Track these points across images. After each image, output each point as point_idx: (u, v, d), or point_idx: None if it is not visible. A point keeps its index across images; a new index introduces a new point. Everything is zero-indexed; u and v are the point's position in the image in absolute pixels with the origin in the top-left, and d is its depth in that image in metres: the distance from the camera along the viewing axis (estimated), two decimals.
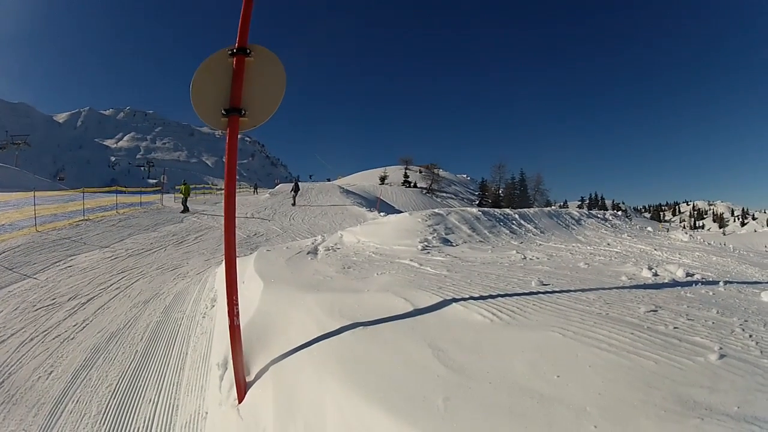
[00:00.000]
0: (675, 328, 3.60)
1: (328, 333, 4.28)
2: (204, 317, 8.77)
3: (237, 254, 4.37)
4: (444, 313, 4.53)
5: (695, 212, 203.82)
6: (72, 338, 8.05)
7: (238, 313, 4.20)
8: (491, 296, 4.94)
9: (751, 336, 3.44)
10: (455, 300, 4.81)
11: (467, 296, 4.96)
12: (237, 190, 3.86)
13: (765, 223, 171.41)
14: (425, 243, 10.36)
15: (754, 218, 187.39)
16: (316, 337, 4.26)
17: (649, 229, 20.04)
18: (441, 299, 4.89)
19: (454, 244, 10.83)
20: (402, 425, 2.64)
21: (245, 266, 7.91)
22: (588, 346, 3.26)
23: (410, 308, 4.72)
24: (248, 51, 3.93)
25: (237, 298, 4.18)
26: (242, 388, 4.27)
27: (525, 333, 3.71)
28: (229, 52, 3.94)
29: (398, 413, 2.74)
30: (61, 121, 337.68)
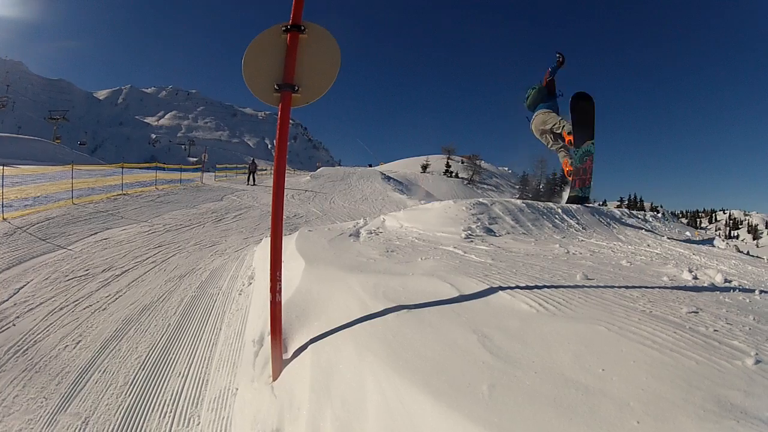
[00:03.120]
0: (715, 330, 3.60)
1: (371, 314, 4.30)
2: (240, 294, 8.86)
3: None
4: (490, 300, 4.55)
5: (731, 221, 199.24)
6: (103, 309, 8.16)
7: (280, 289, 4.23)
8: (537, 287, 4.94)
9: None
10: (501, 288, 4.82)
11: (513, 285, 4.97)
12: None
13: None
14: (468, 231, 10.33)
15: None
16: (358, 317, 4.28)
17: (688, 233, 19.78)
18: (487, 286, 4.90)
19: (498, 235, 10.78)
20: (445, 409, 2.67)
21: (286, 245, 8.03)
22: (632, 342, 3.28)
23: (456, 294, 4.73)
24: (302, 28, 3.98)
25: (281, 274, 4.20)
26: (278, 366, 4.31)
27: (571, 325, 3.73)
28: (283, 28, 4.00)
29: (442, 397, 2.77)
30: (101, 97, 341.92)
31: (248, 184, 35.98)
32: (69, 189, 18.83)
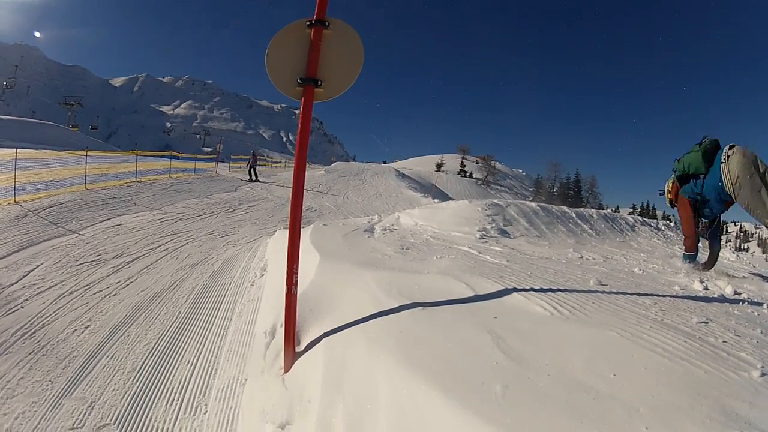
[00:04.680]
0: (724, 341, 3.63)
1: (384, 310, 4.33)
2: (252, 285, 8.91)
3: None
4: (504, 301, 4.60)
5: (742, 234, 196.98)
6: (114, 294, 8.20)
7: (296, 282, 4.25)
8: (551, 290, 4.98)
9: None
10: (516, 290, 4.86)
11: (528, 287, 5.00)
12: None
13: None
14: (483, 232, 10.38)
15: None
16: (372, 313, 4.31)
17: (699, 245, 19.66)
18: (502, 287, 4.94)
19: (512, 237, 10.82)
20: (457, 408, 2.70)
21: (300, 239, 8.10)
22: (643, 349, 3.32)
23: (470, 293, 4.77)
24: (327, 23, 4.03)
25: (297, 267, 4.24)
26: (291, 358, 4.33)
27: (584, 329, 3.77)
28: (307, 23, 4.05)
29: (454, 396, 2.80)
30: (117, 85, 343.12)
31: (250, 180, 31.51)
32: (82, 174, 18.82)
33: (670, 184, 8.69)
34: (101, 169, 22.70)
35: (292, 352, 4.35)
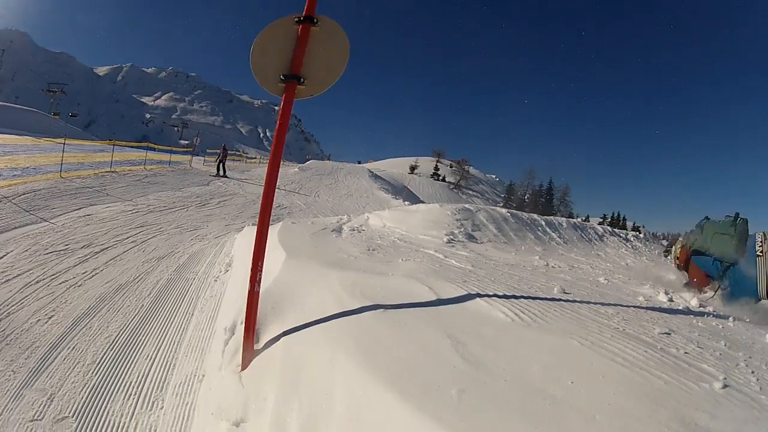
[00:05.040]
0: (686, 353, 3.66)
1: (346, 311, 4.31)
2: (216, 281, 8.84)
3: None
4: (467, 306, 4.59)
5: None
6: (79, 285, 8.03)
7: (260, 279, 4.21)
8: (514, 296, 5.00)
9: (753, 372, 3.49)
10: (479, 295, 4.86)
11: (491, 293, 5.00)
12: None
13: None
14: (451, 236, 10.44)
15: None
16: (333, 313, 4.29)
17: (669, 258, 19.89)
18: (465, 292, 4.93)
19: (480, 242, 10.91)
20: (413, 411, 2.68)
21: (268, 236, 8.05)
22: (603, 358, 3.33)
23: (433, 297, 4.77)
24: (315, 20, 3.98)
25: (263, 264, 4.19)
26: (249, 356, 4.28)
27: (544, 336, 3.78)
28: (296, 19, 3.99)
29: (410, 398, 2.78)
30: (101, 74, 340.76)
31: (217, 175, 30.13)
32: (59, 162, 18.50)
33: (679, 250, 8.40)
34: (78, 157, 22.39)
35: (250, 350, 4.30)
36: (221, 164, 31.58)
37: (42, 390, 5.02)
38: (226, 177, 30.13)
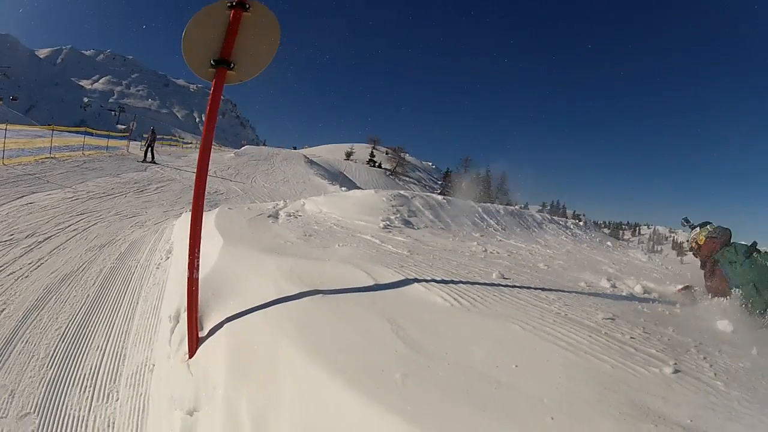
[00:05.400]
0: (632, 338, 3.69)
1: (286, 297, 4.27)
2: (158, 268, 8.74)
3: None
4: (405, 291, 4.58)
5: (655, 236, 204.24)
6: (26, 276, 7.88)
7: (198, 266, 4.13)
8: (453, 281, 4.99)
9: (705, 358, 3.54)
10: (417, 280, 4.85)
11: (429, 278, 5.00)
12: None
13: None
14: (387, 222, 10.43)
15: None
16: (273, 299, 4.24)
17: (609, 243, 20.27)
18: (402, 277, 4.94)
19: (416, 228, 10.94)
20: (358, 396, 2.64)
21: (204, 221, 7.87)
22: (546, 342, 3.33)
23: (371, 282, 4.75)
24: (247, 6, 3.93)
25: (199, 250, 4.12)
26: (194, 343, 4.20)
27: (485, 321, 3.77)
28: (228, 4, 3.93)
29: (355, 384, 2.75)
30: (42, 56, 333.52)
31: (144, 161, 28.20)
32: (0, 149, 18.17)
33: (702, 238, 8.10)
34: (19, 143, 22.04)
35: (195, 337, 4.24)
36: (149, 148, 29.74)
37: (3, 386, 4.93)
38: (154, 163, 28.62)
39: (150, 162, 28.28)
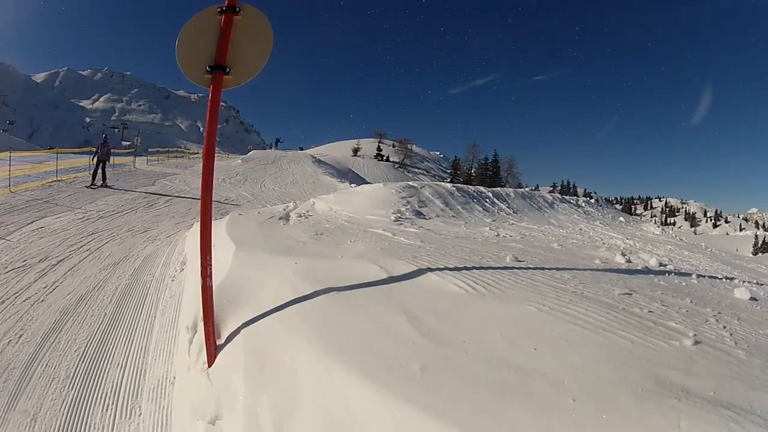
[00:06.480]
0: (650, 311, 3.65)
1: (301, 297, 4.26)
2: (173, 281, 8.72)
3: None
4: (419, 282, 4.57)
5: (667, 209, 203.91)
6: (42, 300, 7.86)
7: (211, 273, 4.14)
8: (466, 268, 4.97)
9: (725, 327, 3.49)
10: (430, 270, 4.84)
11: (442, 267, 4.99)
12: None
13: (738, 226, 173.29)
14: (398, 214, 10.47)
15: (726, 221, 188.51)
16: (289, 300, 4.24)
17: (621, 219, 20.22)
18: (416, 268, 4.92)
19: (427, 217, 10.99)
20: (379, 390, 2.63)
21: (216, 230, 7.87)
22: (564, 322, 3.30)
23: (385, 276, 4.75)
24: (237, 9, 3.93)
25: (211, 258, 4.12)
26: (213, 352, 4.23)
27: (501, 306, 3.74)
28: (218, 9, 3.93)
29: (374, 378, 2.74)
30: (39, 81, 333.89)
31: (93, 185, 20.90)
32: (6, 177, 18.26)
33: None
34: (24, 169, 21.95)
35: (213, 346, 4.27)
36: (101, 165, 21.91)
37: (25, 412, 4.96)
38: (105, 186, 21.32)
39: (101, 185, 21.20)
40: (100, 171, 21.79)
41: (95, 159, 21.83)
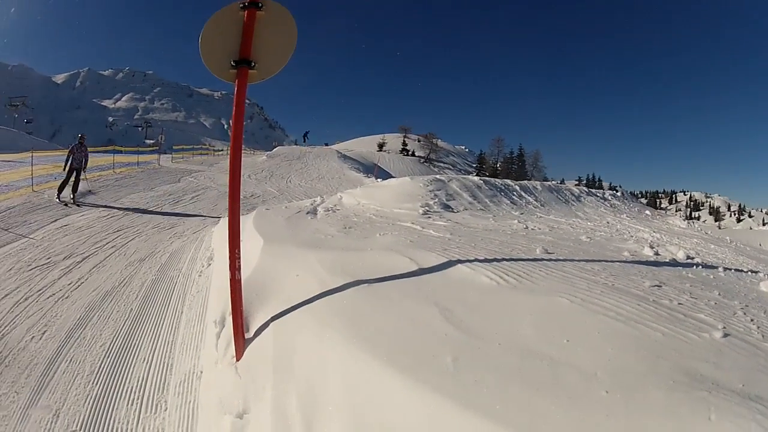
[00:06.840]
0: (679, 303, 3.64)
1: (330, 290, 4.26)
2: (200, 276, 8.75)
3: None
4: (449, 273, 4.55)
5: (692, 203, 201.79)
6: (66, 297, 7.95)
7: (239, 266, 4.16)
8: (496, 260, 4.97)
9: (752, 320, 3.48)
10: (460, 261, 4.82)
11: (472, 258, 4.97)
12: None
13: (761, 221, 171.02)
14: (426, 207, 10.48)
15: (750, 215, 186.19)
16: (317, 294, 4.23)
17: (647, 212, 20.11)
18: (446, 260, 4.90)
19: (455, 211, 10.98)
20: (410, 382, 2.63)
21: (243, 224, 7.93)
22: (596, 314, 3.28)
23: (414, 267, 4.73)
24: (260, 5, 3.97)
25: (239, 251, 4.15)
26: (241, 345, 4.27)
27: (532, 297, 3.73)
28: (241, 5, 3.98)
29: (406, 370, 2.74)
30: (59, 82, 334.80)
31: (59, 195, 16.06)
32: (29, 177, 18.38)
33: None
34: (46, 168, 22.01)
35: (242, 339, 4.29)
36: (74, 174, 16.69)
37: (47, 407, 4.99)
38: (75, 203, 16.07)
39: (70, 201, 16.04)
40: (72, 181, 16.54)
41: (67, 166, 16.62)
